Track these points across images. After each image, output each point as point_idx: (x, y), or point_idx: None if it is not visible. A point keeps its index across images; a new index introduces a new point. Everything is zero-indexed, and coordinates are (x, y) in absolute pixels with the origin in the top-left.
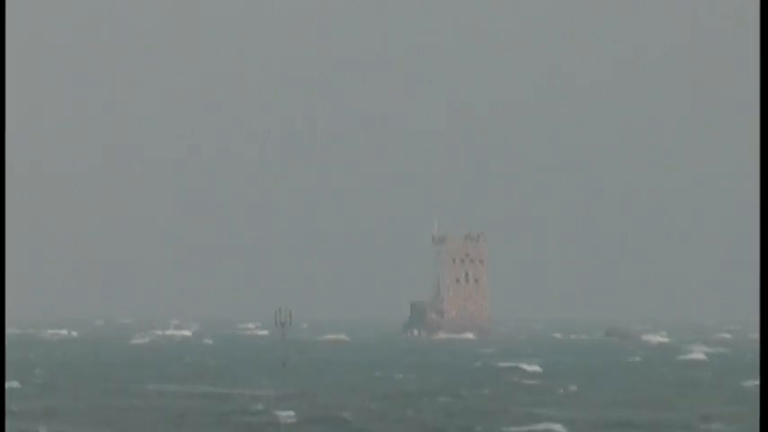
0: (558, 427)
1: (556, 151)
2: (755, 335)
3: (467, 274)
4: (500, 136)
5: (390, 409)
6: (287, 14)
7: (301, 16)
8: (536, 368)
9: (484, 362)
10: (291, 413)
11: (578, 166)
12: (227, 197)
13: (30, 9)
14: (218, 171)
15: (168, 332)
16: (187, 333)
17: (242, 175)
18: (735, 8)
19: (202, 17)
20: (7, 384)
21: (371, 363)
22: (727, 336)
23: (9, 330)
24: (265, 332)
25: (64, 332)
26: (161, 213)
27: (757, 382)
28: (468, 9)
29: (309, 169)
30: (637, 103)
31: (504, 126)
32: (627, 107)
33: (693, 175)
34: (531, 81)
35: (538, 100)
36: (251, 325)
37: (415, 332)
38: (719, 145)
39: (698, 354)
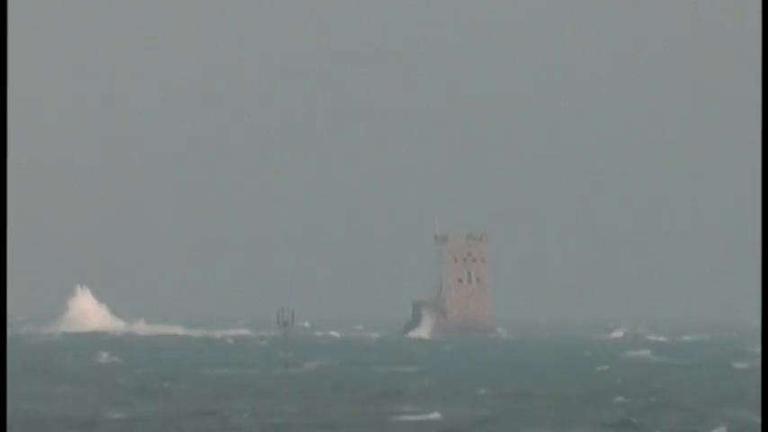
0: None
1: (556, 145)
2: None
3: (469, 274)
4: (500, 130)
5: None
6: (286, 8)
7: (301, 10)
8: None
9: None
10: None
11: (578, 160)
12: (227, 191)
13: (30, 3)
14: (218, 165)
15: (234, 332)
16: (246, 332)
17: (242, 169)
18: (735, 2)
19: (202, 11)
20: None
21: (448, 362)
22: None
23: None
24: (378, 333)
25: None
26: (161, 207)
27: None
28: (468, 3)
29: (309, 163)
30: (637, 96)
31: (504, 120)
32: (627, 101)
33: (693, 169)
34: (530, 75)
35: (538, 94)
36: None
37: (420, 333)
38: (720, 139)
39: None
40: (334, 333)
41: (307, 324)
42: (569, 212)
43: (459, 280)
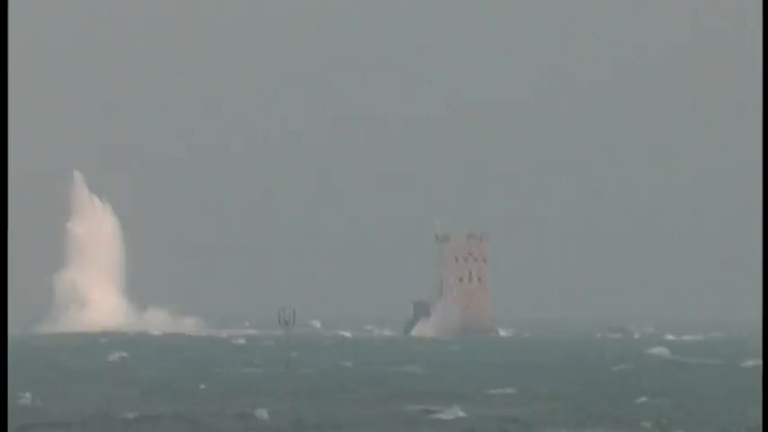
0: None
1: (556, 151)
2: None
3: (470, 273)
4: (500, 136)
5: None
6: (287, 14)
7: (301, 16)
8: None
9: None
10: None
11: (578, 166)
12: (227, 197)
13: (30, 9)
14: (219, 171)
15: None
16: (253, 332)
17: (242, 175)
18: (735, 8)
19: (202, 17)
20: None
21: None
22: None
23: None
24: (390, 332)
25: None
26: (161, 213)
27: None
28: (469, 9)
29: (310, 169)
30: (637, 103)
31: (504, 126)
32: (627, 107)
33: (693, 175)
34: (530, 81)
35: (538, 100)
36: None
37: (425, 332)
38: (719, 145)
39: None
40: (345, 333)
41: (318, 324)
42: (569, 217)
43: (460, 279)
